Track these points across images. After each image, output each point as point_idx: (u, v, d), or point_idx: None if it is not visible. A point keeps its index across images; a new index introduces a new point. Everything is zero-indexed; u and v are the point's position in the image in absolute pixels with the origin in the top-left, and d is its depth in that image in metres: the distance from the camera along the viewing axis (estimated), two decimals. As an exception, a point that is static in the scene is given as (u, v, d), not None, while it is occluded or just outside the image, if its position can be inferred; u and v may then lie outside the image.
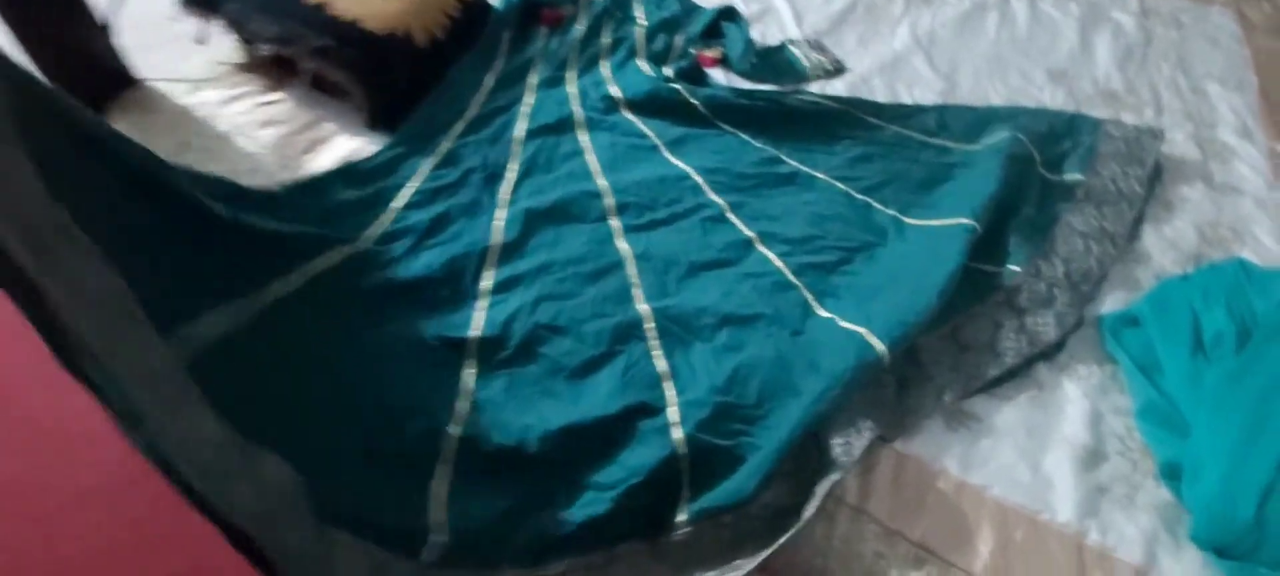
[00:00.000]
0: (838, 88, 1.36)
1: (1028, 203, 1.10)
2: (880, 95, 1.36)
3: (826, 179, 1.16)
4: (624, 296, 0.93)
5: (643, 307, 0.92)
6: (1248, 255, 1.09)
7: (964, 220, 1.02)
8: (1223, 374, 0.89)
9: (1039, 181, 1.17)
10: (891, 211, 1.11)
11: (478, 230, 1.01)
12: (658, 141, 1.20)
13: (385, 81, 1.09)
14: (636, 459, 0.78)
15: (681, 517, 0.74)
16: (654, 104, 1.23)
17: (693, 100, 1.23)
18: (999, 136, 1.20)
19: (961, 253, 0.96)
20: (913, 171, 1.19)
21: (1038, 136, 1.21)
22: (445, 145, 1.12)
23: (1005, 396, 0.91)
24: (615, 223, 1.04)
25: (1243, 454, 0.82)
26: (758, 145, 1.22)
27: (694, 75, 1.31)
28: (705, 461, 0.79)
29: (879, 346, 0.85)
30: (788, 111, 1.25)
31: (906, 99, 1.35)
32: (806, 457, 0.80)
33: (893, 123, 1.28)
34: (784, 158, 1.20)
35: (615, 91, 1.26)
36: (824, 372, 0.84)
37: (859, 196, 1.13)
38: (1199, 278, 1.03)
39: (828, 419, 0.82)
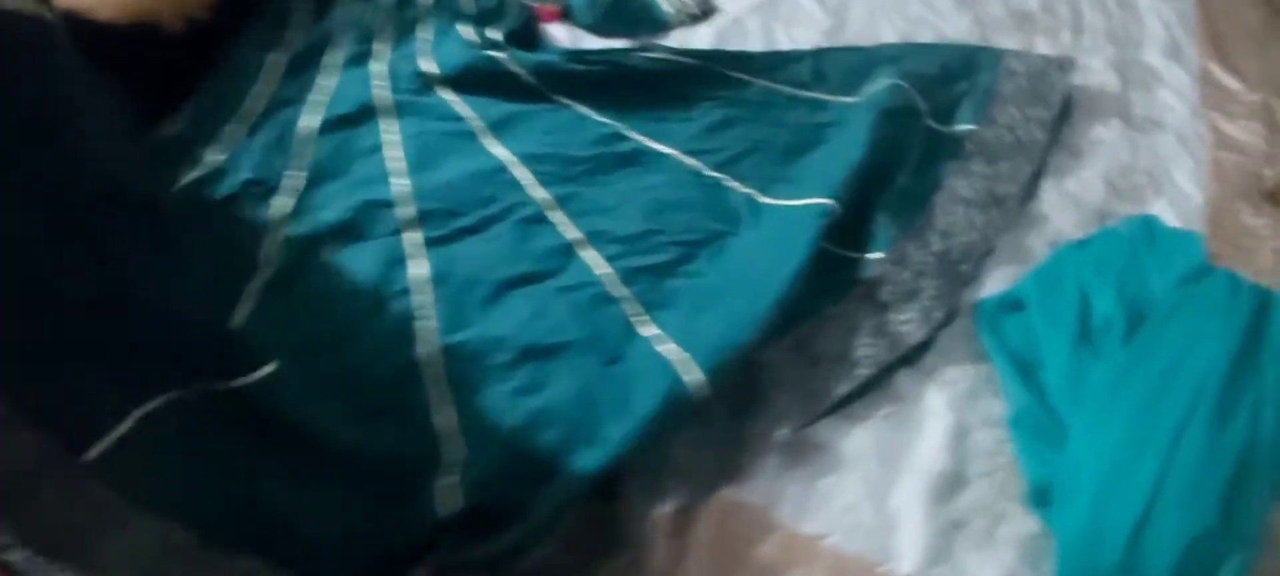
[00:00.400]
0: (703, 36, 1.19)
1: (904, 167, 0.96)
2: (754, 41, 1.19)
3: (676, 155, 1.01)
4: (404, 337, 0.80)
5: (424, 350, 0.78)
6: (1162, 209, 0.95)
7: (821, 199, 0.88)
8: (1106, 371, 0.78)
9: (924, 136, 1.01)
10: (748, 189, 0.96)
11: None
12: (477, 125, 1.04)
13: (129, 84, 0.92)
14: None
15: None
16: (473, 78, 1.07)
17: (517, 70, 1.07)
18: (879, 85, 1.04)
19: (812, 242, 0.83)
20: (778, 136, 1.04)
21: (926, 80, 1.05)
22: (215, 157, 0.96)
23: (857, 416, 0.79)
24: (412, 237, 0.90)
25: (1117, 474, 0.71)
26: (598, 120, 1.06)
27: (526, 37, 1.13)
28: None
29: (695, 378, 0.72)
30: (633, 75, 1.09)
31: (784, 43, 1.18)
32: (597, 518, 0.69)
33: (761, 76, 1.12)
34: (626, 132, 1.05)
35: (429, 66, 1.09)
36: (633, 413, 0.72)
37: (710, 173, 0.99)
38: (1096, 245, 0.90)
39: (632, 467, 0.71)
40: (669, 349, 0.77)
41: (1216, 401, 0.70)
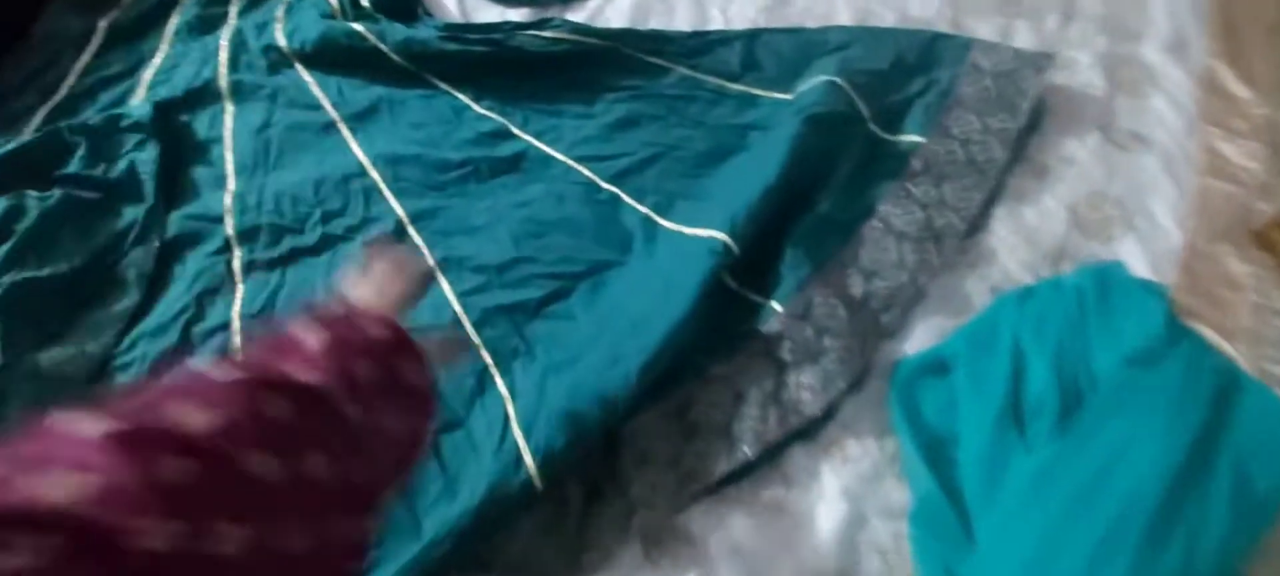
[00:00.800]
0: (621, 10, 1.03)
1: (831, 187, 0.82)
2: (681, 17, 1.03)
3: (566, 161, 0.88)
4: None
5: None
6: (1130, 250, 0.83)
7: (715, 233, 0.75)
8: (1029, 465, 0.67)
9: (863, 146, 0.88)
10: (646, 208, 0.84)
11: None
12: (335, 114, 0.90)
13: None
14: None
15: None
16: (333, 54, 0.93)
17: (384, 47, 0.92)
18: (813, 82, 0.89)
19: (699, 286, 0.71)
20: (693, 139, 0.90)
21: (873, 77, 0.91)
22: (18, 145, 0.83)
23: (734, 500, 0.70)
24: (235, 258, 0.78)
25: (1024, 594, 0.62)
26: (478, 111, 0.92)
27: (406, 7, 0.97)
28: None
29: (529, 467, 0.62)
30: (526, 57, 0.94)
31: (717, 21, 1.02)
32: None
33: (681, 62, 0.97)
34: (514, 128, 0.91)
35: (283, 38, 0.94)
36: (459, 499, 0.63)
37: (605, 186, 0.86)
38: (1040, 299, 0.78)
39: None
40: (513, 424, 0.67)
41: (1148, 523, 0.60)
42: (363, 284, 0.53)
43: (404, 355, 0.43)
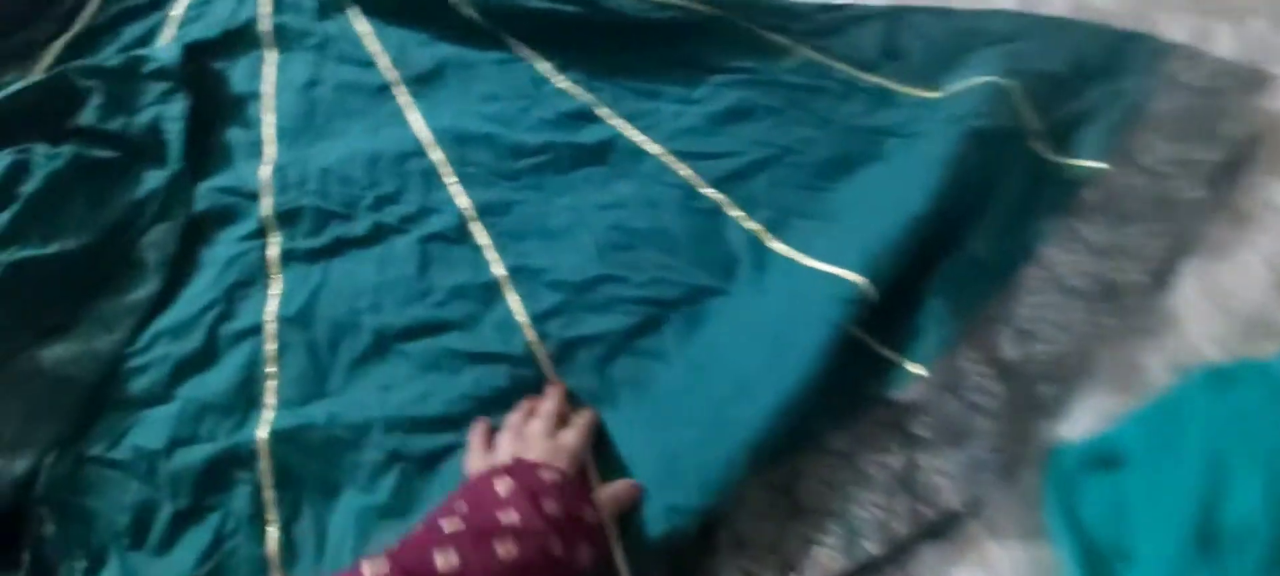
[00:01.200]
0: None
1: (986, 222, 0.68)
2: None
3: (660, 155, 0.75)
4: (244, 402, 0.61)
5: (262, 433, 0.59)
6: None
7: (849, 274, 0.62)
8: None
9: (1026, 170, 0.73)
10: (755, 224, 0.71)
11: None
12: (393, 75, 0.78)
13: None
14: None
15: None
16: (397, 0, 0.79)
17: None
18: (973, 82, 0.74)
19: (824, 342, 0.59)
20: (816, 142, 0.76)
21: (1045, 82, 0.75)
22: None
23: None
24: (272, 245, 0.68)
25: None
26: (561, 84, 0.79)
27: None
28: None
29: (619, 565, 0.52)
30: (622, 23, 0.80)
31: None
32: None
33: (807, 42, 0.82)
34: (601, 110, 0.78)
35: (336, -25, 0.81)
36: None
37: (707, 192, 0.73)
38: (1244, 388, 0.64)
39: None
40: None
41: None
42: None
43: None
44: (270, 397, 0.62)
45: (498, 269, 0.69)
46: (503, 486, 0.48)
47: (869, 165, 0.76)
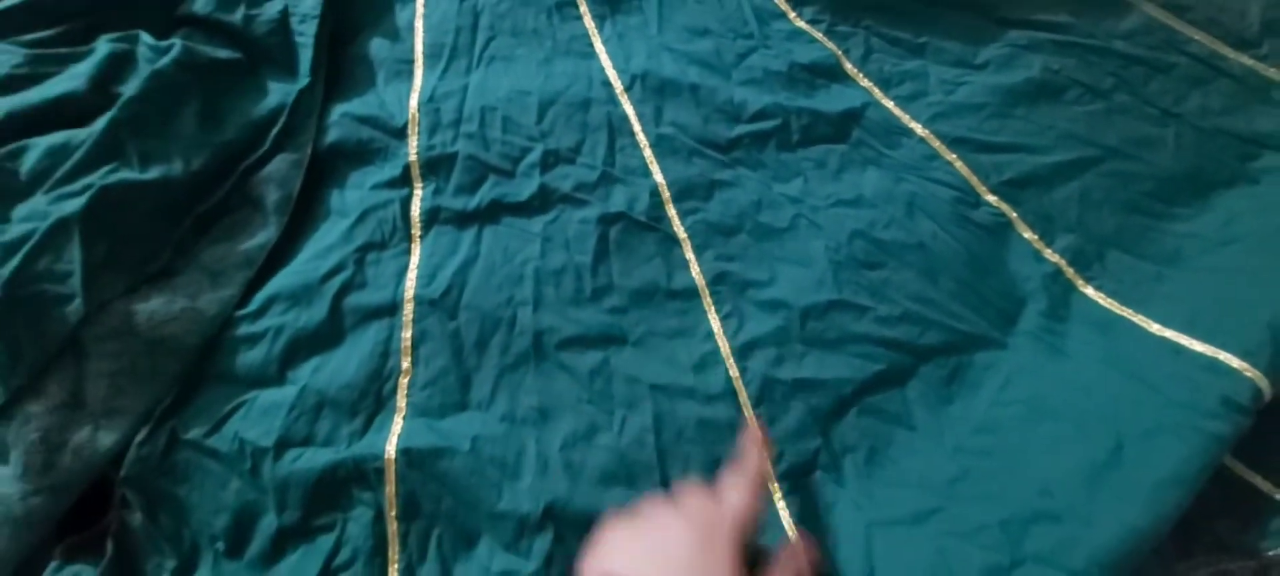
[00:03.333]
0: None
1: None
2: None
3: (926, 137, 0.60)
4: (372, 400, 0.51)
5: (391, 448, 0.49)
6: None
7: (1223, 354, 0.46)
8: None
9: None
10: (1055, 254, 0.55)
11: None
12: None
13: None
14: None
15: None
16: None
17: None
18: None
19: (1202, 454, 0.43)
20: (1157, 145, 0.59)
21: None
22: None
23: None
24: (415, 200, 0.57)
25: None
26: (798, 22, 0.64)
27: None
28: None
29: None
30: None
31: None
32: None
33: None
34: (849, 64, 0.64)
35: None
36: None
37: (989, 199, 0.57)
38: None
39: None
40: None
41: None
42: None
43: None
44: (402, 398, 0.54)
45: (696, 272, 0.57)
46: None
47: (1234, 189, 0.58)
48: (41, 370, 0.52)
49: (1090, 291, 0.55)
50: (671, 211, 0.58)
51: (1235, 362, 0.47)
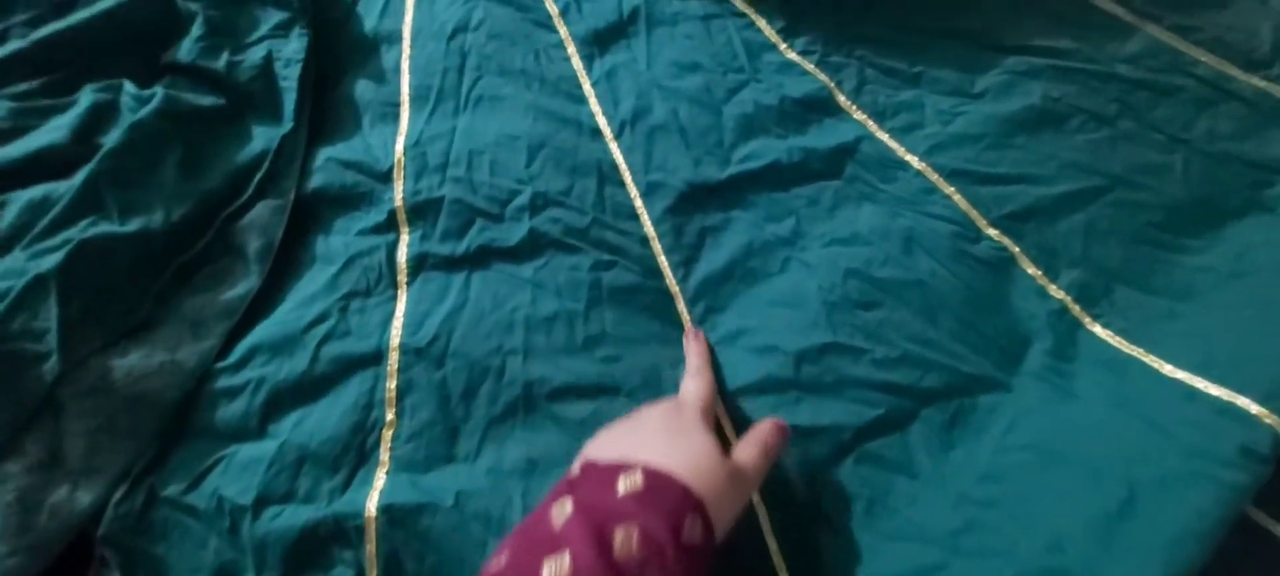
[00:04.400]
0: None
1: None
2: None
3: (923, 170, 0.58)
4: (355, 454, 0.50)
5: (372, 505, 0.48)
6: None
7: (1240, 399, 0.44)
8: None
9: None
10: (1060, 290, 0.53)
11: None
12: (563, 29, 0.64)
13: None
14: None
15: None
16: None
17: None
18: None
19: (1221, 505, 0.41)
20: (1164, 173, 0.56)
21: None
22: None
23: None
24: (402, 246, 0.56)
25: None
26: (789, 55, 0.63)
27: None
28: None
29: None
30: None
31: None
32: None
33: (1158, 15, 0.61)
34: (842, 97, 0.62)
35: None
36: None
37: (990, 233, 0.55)
38: None
39: None
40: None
41: None
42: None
43: None
44: (385, 452, 0.53)
45: (687, 322, 0.55)
46: (560, 512, 0.38)
47: (1247, 218, 0.56)
48: (19, 429, 0.53)
49: (1098, 329, 0.53)
50: (662, 261, 0.56)
51: (1254, 409, 0.44)
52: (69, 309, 0.50)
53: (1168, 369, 0.50)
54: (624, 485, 0.40)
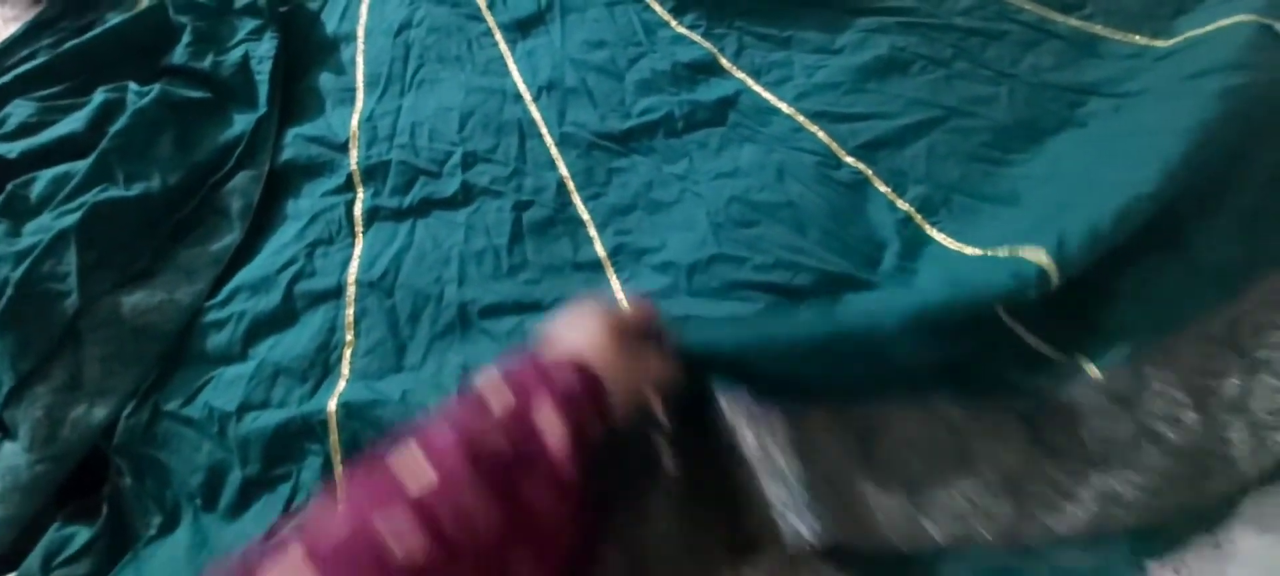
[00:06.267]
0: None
1: (1227, 217, 0.56)
2: None
3: (792, 115, 0.69)
4: (320, 368, 0.60)
5: (332, 404, 0.58)
6: None
7: (1028, 254, 0.53)
8: None
9: None
10: (906, 203, 0.64)
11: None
12: (491, 19, 0.76)
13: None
14: None
15: None
16: None
17: None
18: (1222, 23, 0.61)
19: (989, 292, 0.51)
20: (993, 103, 0.67)
21: None
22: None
23: None
24: (357, 203, 0.68)
25: None
26: (679, 29, 0.76)
27: None
28: None
29: None
30: None
31: None
32: None
33: None
34: (724, 60, 0.74)
35: None
36: None
37: (849, 161, 0.66)
38: None
39: None
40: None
41: None
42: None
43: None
44: (346, 366, 0.63)
45: (598, 247, 0.66)
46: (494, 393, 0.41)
47: (1063, 133, 0.66)
48: (47, 357, 0.63)
49: (935, 233, 0.63)
50: (576, 198, 0.68)
51: (1030, 254, 0.53)
52: (86, 257, 0.62)
53: (978, 250, 0.59)
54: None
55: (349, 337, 0.65)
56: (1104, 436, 0.53)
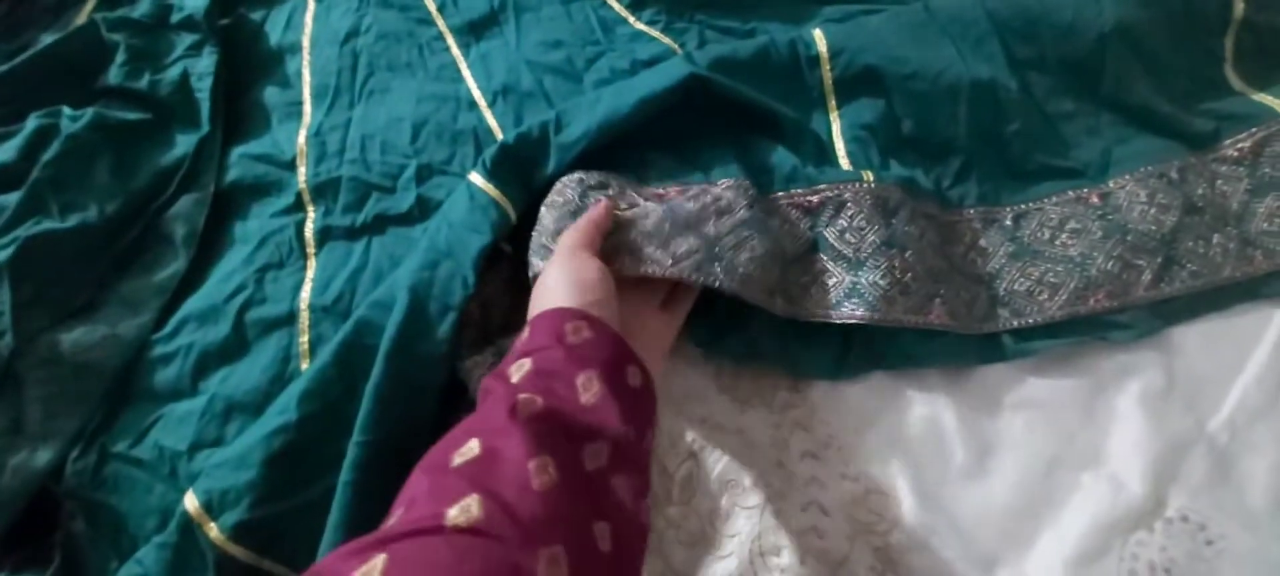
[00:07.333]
0: None
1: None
2: None
3: None
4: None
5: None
6: None
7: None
8: None
9: None
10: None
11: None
12: (442, 22, 0.75)
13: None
14: None
15: None
16: None
17: None
18: None
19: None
20: None
21: None
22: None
23: None
24: (309, 223, 0.66)
25: None
26: (638, 25, 0.74)
27: None
28: None
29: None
30: None
31: None
32: None
33: None
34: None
35: None
36: None
37: None
38: None
39: None
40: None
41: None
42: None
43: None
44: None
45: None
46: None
47: None
48: None
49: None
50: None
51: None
52: (20, 294, 0.59)
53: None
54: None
55: (304, 366, 0.63)
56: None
